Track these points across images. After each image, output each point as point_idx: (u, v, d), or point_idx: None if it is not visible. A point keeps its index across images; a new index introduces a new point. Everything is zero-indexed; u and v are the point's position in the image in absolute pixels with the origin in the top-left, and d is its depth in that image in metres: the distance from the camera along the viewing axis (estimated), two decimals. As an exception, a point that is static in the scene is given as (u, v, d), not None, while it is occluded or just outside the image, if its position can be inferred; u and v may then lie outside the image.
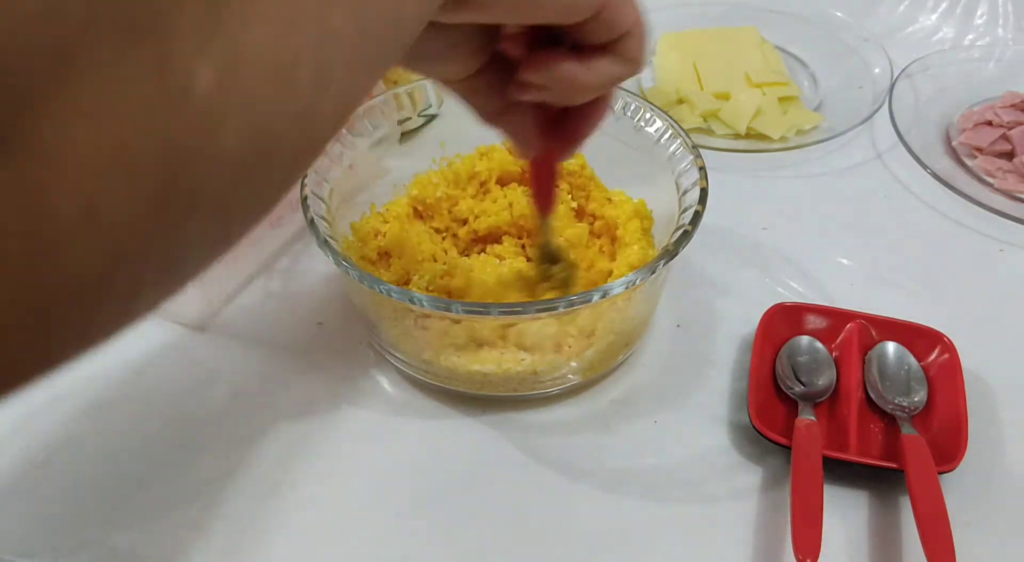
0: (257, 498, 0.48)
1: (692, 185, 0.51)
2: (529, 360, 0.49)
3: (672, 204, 0.52)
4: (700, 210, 0.49)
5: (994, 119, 0.71)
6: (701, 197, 0.49)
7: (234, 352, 0.55)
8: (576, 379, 0.52)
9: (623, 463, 0.50)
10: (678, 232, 0.48)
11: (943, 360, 0.53)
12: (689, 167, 0.52)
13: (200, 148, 0.19)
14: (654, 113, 0.55)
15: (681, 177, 0.52)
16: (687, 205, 0.50)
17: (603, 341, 0.50)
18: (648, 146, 0.55)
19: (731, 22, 0.81)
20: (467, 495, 0.48)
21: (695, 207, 0.49)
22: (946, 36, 0.83)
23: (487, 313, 0.44)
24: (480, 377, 0.50)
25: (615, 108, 0.55)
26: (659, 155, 0.54)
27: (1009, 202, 0.66)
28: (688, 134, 0.53)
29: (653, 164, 0.55)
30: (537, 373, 0.50)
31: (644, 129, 0.55)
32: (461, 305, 0.45)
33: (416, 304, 0.45)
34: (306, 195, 0.49)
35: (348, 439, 0.50)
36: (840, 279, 0.60)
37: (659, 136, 0.54)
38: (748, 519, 0.47)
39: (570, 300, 0.44)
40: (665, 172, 0.54)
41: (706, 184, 0.50)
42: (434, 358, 0.50)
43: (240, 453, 0.50)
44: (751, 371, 0.52)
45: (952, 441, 0.49)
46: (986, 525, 0.47)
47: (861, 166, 0.70)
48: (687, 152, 0.53)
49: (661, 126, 0.55)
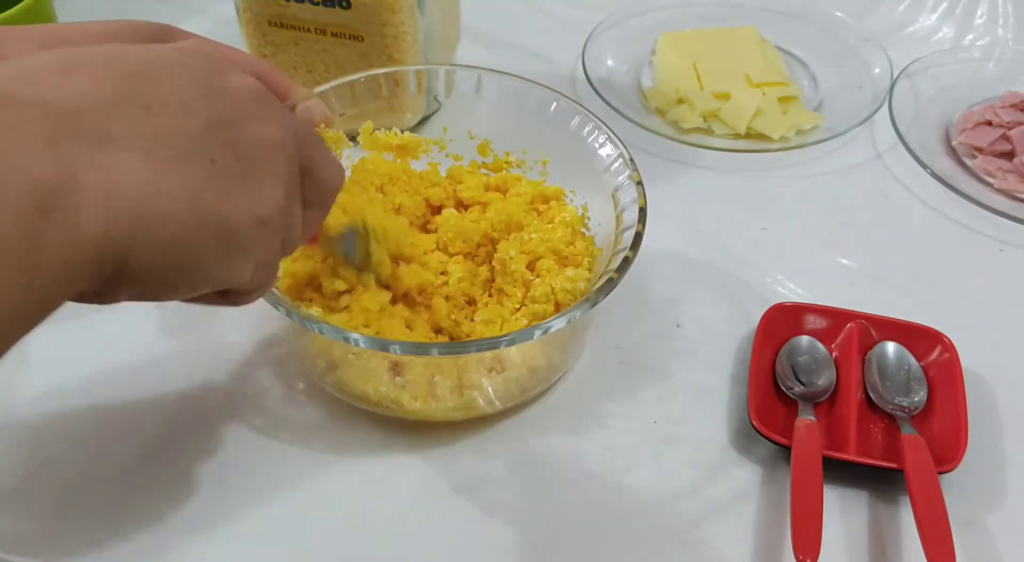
0: (255, 498, 0.48)
1: (631, 203, 0.49)
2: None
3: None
4: (640, 230, 0.47)
5: (994, 119, 0.71)
6: (640, 216, 0.48)
7: (232, 353, 0.55)
8: (490, 409, 0.51)
9: (623, 463, 0.50)
10: (618, 255, 0.46)
11: (943, 360, 0.53)
12: (627, 182, 0.50)
13: None
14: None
15: (619, 191, 0.51)
16: (626, 224, 0.48)
17: (515, 372, 0.49)
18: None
19: (731, 22, 0.81)
20: (467, 495, 0.48)
21: (635, 227, 0.47)
22: (946, 36, 0.83)
23: (426, 353, 0.43)
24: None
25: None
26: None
27: (1009, 202, 0.66)
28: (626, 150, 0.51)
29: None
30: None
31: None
32: (399, 345, 0.43)
33: (352, 343, 0.43)
34: None
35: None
36: (840, 279, 0.60)
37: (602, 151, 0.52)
38: (748, 519, 0.47)
39: (493, 342, 0.44)
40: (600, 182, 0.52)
41: (644, 203, 0.48)
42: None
43: (240, 455, 0.50)
44: (751, 371, 0.52)
45: (952, 441, 0.49)
46: (986, 525, 0.47)
47: (861, 166, 0.70)
48: (624, 166, 0.51)
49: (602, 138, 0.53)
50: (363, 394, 0.49)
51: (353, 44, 0.63)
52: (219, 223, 0.29)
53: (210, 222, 0.29)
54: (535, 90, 0.55)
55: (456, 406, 0.49)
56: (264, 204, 0.31)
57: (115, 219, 0.26)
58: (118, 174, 0.26)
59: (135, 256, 0.27)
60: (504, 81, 0.56)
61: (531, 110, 0.55)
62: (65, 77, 0.27)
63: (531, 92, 0.56)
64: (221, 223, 0.29)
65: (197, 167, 0.28)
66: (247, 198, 0.30)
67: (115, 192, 0.26)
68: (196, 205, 0.28)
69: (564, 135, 0.54)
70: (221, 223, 0.29)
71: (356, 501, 0.48)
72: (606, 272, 0.46)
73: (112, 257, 0.26)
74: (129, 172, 0.26)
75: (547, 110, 0.55)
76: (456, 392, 0.48)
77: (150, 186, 0.27)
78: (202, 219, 0.28)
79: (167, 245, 0.27)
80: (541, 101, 0.55)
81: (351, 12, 0.61)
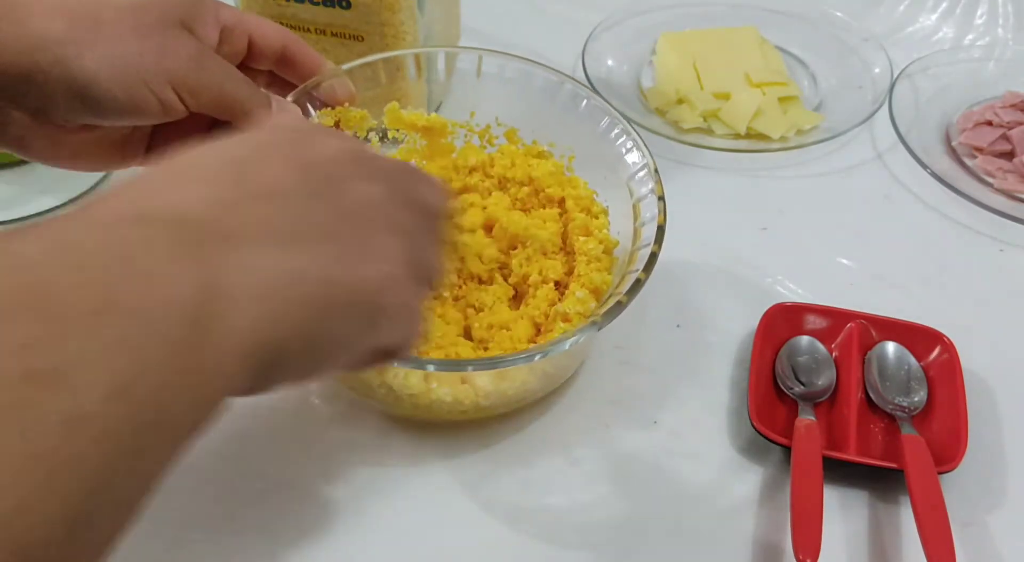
0: (258, 499, 0.48)
1: (650, 219, 0.49)
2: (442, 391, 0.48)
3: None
4: (656, 250, 0.46)
5: (994, 119, 0.71)
6: (658, 236, 0.47)
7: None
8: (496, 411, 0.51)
9: (623, 463, 0.50)
10: (631, 276, 0.46)
11: (943, 360, 0.53)
12: (649, 194, 0.49)
13: None
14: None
15: (640, 203, 0.50)
16: (644, 241, 0.48)
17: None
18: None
19: (731, 22, 0.81)
20: (465, 495, 0.48)
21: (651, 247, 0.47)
22: (946, 36, 0.83)
23: (462, 369, 0.43)
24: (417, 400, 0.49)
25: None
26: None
27: (1009, 202, 0.66)
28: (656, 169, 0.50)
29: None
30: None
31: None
32: (434, 363, 0.43)
33: (391, 363, 0.42)
34: None
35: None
36: (840, 279, 0.60)
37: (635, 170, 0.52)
38: (748, 519, 0.47)
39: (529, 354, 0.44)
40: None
41: (664, 221, 0.48)
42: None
43: (242, 452, 0.50)
44: (751, 371, 0.52)
45: (952, 441, 0.49)
46: (986, 525, 0.47)
47: (861, 166, 0.70)
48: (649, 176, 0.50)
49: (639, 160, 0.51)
50: (367, 386, 0.49)
51: (353, 44, 0.63)
52: (352, 293, 0.29)
53: (343, 294, 0.29)
54: (566, 83, 0.54)
55: (451, 410, 0.49)
56: (389, 260, 0.31)
57: (267, 313, 0.26)
58: (258, 270, 0.26)
59: (286, 345, 0.27)
60: (511, 64, 0.55)
61: (560, 103, 0.55)
62: (179, 185, 0.27)
63: (561, 86, 0.55)
64: (355, 293, 0.29)
65: (319, 245, 0.28)
66: (371, 260, 0.30)
67: (262, 287, 0.26)
68: (330, 282, 0.28)
69: (591, 134, 0.54)
70: (355, 293, 0.29)
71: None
72: (615, 293, 0.46)
73: (266, 351, 0.26)
74: (267, 267, 0.26)
75: (578, 106, 0.54)
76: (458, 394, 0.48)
77: (290, 275, 0.27)
78: (335, 293, 0.28)
79: (314, 327, 0.27)
80: (571, 95, 0.54)
81: (351, 12, 0.61)
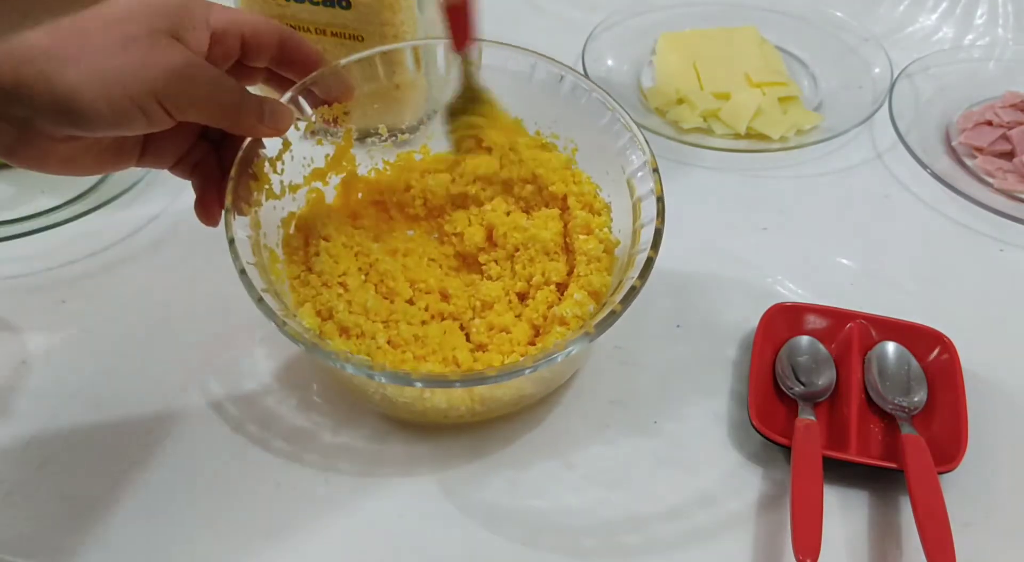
0: (258, 500, 0.48)
1: (649, 221, 0.48)
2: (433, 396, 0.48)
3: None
4: (652, 256, 0.46)
5: (994, 119, 0.71)
6: (655, 240, 0.46)
7: (235, 350, 0.55)
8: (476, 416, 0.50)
9: (623, 463, 0.50)
10: (627, 282, 0.45)
11: (943, 360, 0.53)
12: (648, 195, 0.48)
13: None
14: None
15: (641, 203, 0.49)
16: (641, 246, 0.47)
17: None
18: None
19: (731, 22, 0.81)
20: (464, 495, 0.48)
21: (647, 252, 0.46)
22: (946, 36, 0.83)
23: (449, 385, 0.43)
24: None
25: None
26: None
27: (1009, 202, 0.66)
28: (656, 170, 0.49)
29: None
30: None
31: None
32: (421, 380, 0.43)
33: (376, 380, 0.42)
34: (232, 237, 0.45)
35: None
36: (840, 279, 0.60)
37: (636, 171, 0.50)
38: (748, 519, 0.47)
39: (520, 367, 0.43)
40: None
41: (661, 224, 0.47)
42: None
43: (244, 457, 0.50)
44: (751, 371, 0.52)
45: (952, 441, 0.49)
46: (986, 525, 0.47)
47: (861, 166, 0.70)
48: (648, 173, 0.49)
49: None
50: (363, 391, 0.49)
51: (353, 44, 0.63)
52: None
53: None
54: (568, 76, 0.53)
55: (447, 415, 0.49)
56: None
57: None
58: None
59: None
60: (513, 55, 0.55)
61: (563, 95, 0.54)
62: None
63: (564, 78, 0.54)
64: None
65: None
66: None
67: None
68: None
69: (593, 127, 0.53)
70: None
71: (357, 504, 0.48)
72: (610, 301, 0.46)
73: None
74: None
75: (579, 99, 0.53)
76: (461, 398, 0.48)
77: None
78: None
79: None
80: (573, 87, 0.53)
81: (351, 12, 0.61)
